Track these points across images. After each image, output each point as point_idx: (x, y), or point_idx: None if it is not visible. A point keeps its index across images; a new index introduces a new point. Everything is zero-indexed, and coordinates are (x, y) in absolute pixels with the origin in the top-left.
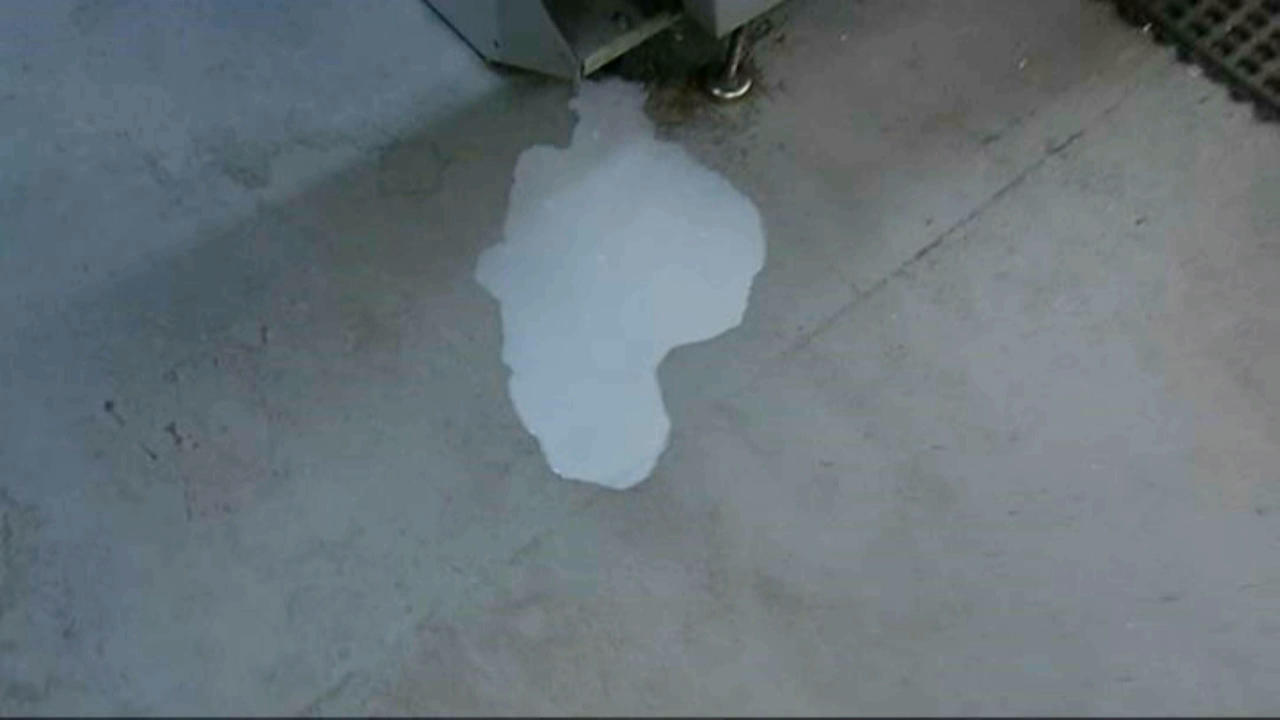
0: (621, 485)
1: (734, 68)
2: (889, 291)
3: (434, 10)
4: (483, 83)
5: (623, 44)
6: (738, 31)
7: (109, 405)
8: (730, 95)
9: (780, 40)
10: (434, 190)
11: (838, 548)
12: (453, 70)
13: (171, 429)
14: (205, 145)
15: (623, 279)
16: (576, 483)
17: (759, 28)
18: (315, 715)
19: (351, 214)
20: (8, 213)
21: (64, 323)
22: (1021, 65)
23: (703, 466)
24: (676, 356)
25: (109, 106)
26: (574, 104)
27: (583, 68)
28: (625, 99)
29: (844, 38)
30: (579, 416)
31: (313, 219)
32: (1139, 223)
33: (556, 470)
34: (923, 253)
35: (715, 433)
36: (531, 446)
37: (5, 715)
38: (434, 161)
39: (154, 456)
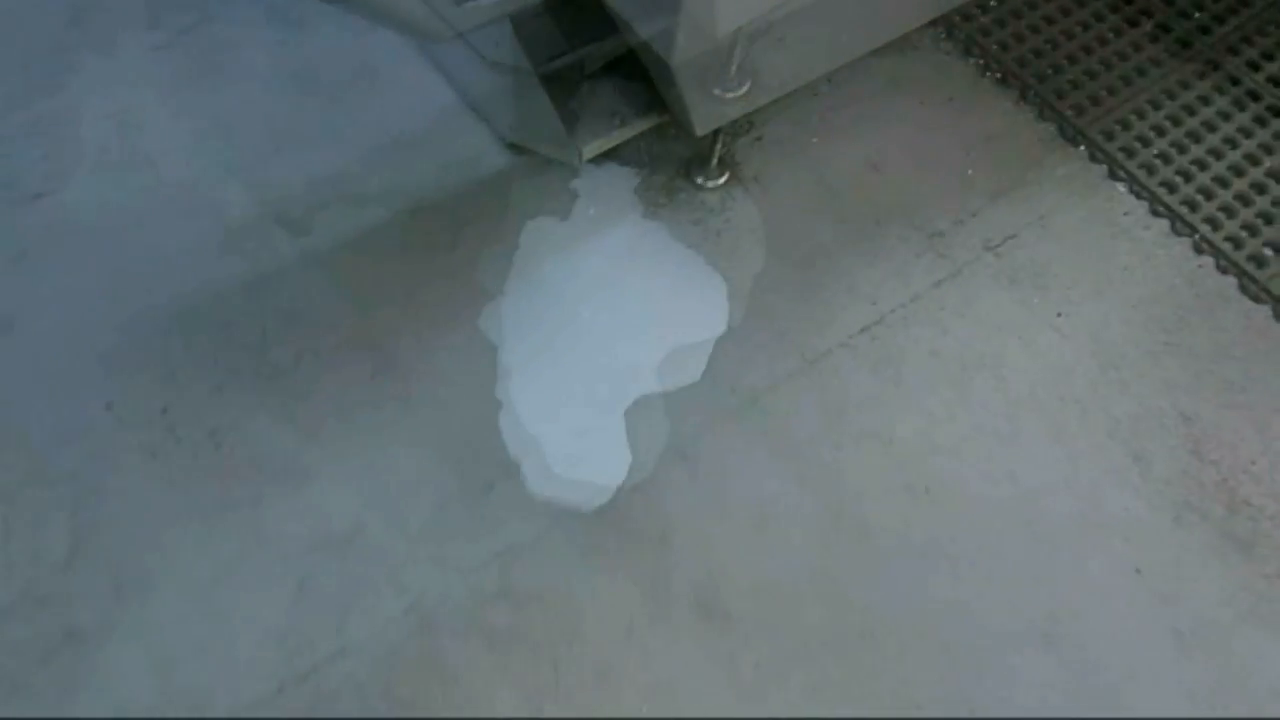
0: (587, 508)
1: (715, 160)
2: (833, 360)
3: (461, 96)
4: (498, 160)
5: (616, 137)
6: (719, 130)
7: (164, 410)
8: (711, 184)
9: (759, 139)
10: (450, 249)
11: (767, 574)
12: (473, 147)
13: (213, 434)
14: (260, 198)
15: (604, 335)
16: (549, 503)
17: (740, 127)
18: (314, 676)
19: (378, 264)
20: (98, 244)
21: (130, 338)
22: (969, 173)
23: (657, 497)
24: (643, 403)
25: (187, 161)
26: (575, 184)
27: (582, 154)
28: (619, 181)
29: (815, 140)
30: (556, 447)
31: (345, 266)
32: (1058, 315)
33: (533, 491)
34: (865, 328)
35: (670, 470)
36: (513, 469)
37: (57, 660)
38: (451, 224)
39: (196, 456)
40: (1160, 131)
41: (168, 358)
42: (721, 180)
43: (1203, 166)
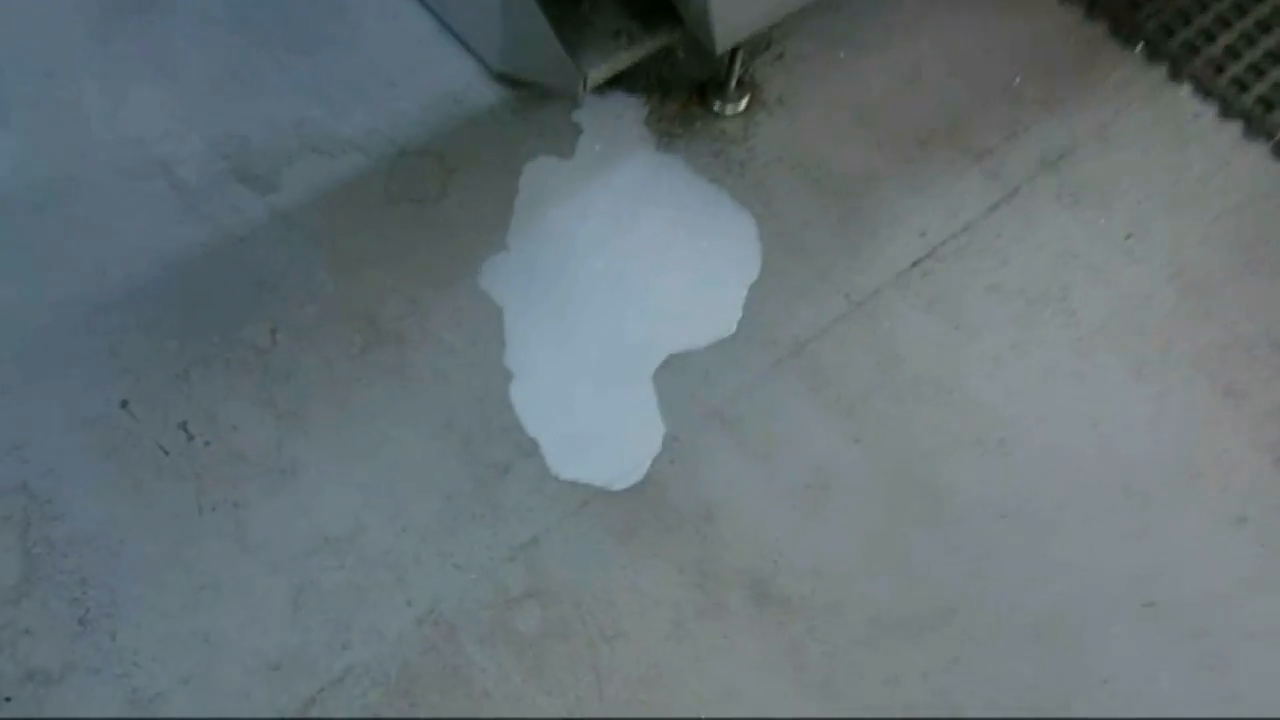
0: (618, 487)
1: (734, 83)
2: (882, 301)
3: (442, 23)
4: (488, 94)
5: (624, 59)
6: (737, 48)
7: (124, 403)
8: (730, 110)
9: (780, 57)
10: (439, 198)
11: (828, 550)
12: (459, 82)
13: (183, 427)
14: (219, 152)
15: (622, 287)
16: (574, 484)
17: (759, 45)
18: (318, 706)
19: (359, 220)
20: (28, 215)
21: (81, 323)
22: (1016, 83)
23: (697, 470)
24: (673, 363)
25: (127, 114)
26: (577, 116)
27: (585, 81)
28: (628, 112)
29: (842, 55)
30: (577, 420)
31: (321, 225)
32: (1128, 237)
33: (555, 472)
34: (916, 263)
35: (709, 437)
36: (531, 448)
37: (22, 699)
38: (440, 170)
39: (166, 453)
40: (1225, 23)
41: (123, 343)
42: (742, 105)
43: (1277, 60)
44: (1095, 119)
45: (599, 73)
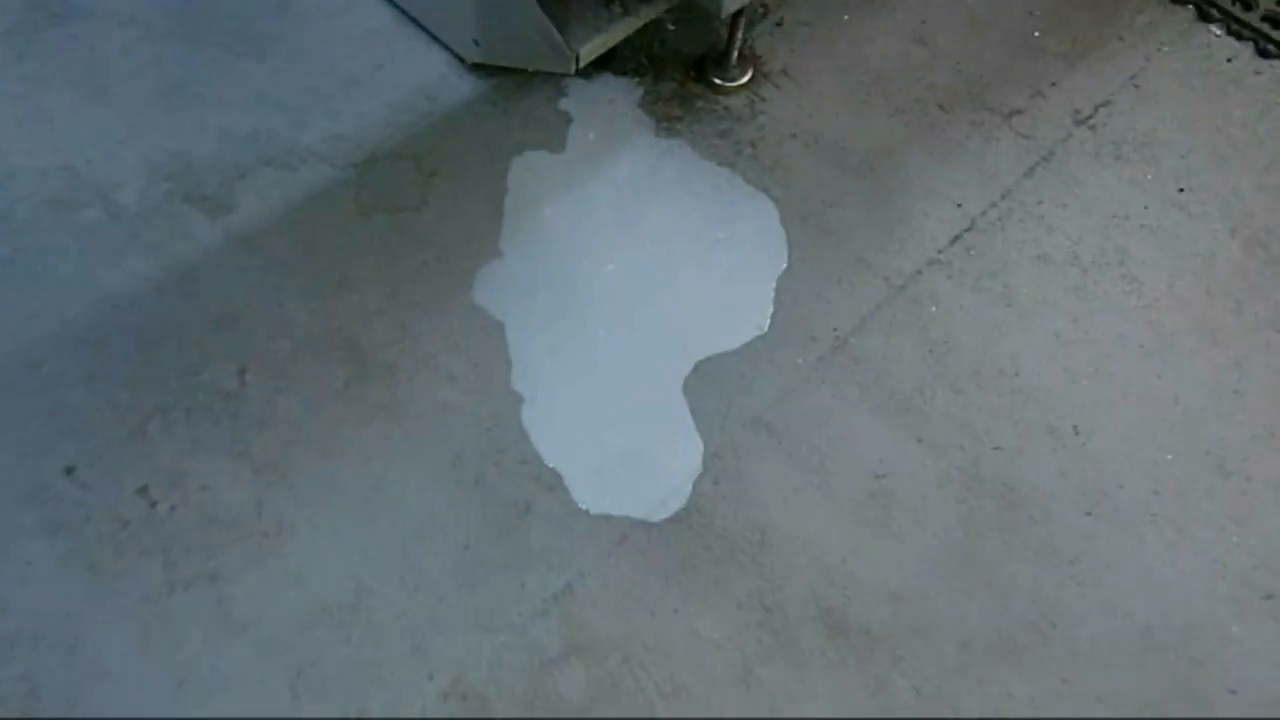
0: (657, 517)
1: (735, 55)
2: (925, 282)
3: (404, 13)
4: (463, 87)
5: (619, 31)
6: (737, 16)
7: (69, 470)
8: (732, 85)
9: (779, 25)
10: (420, 206)
11: (902, 567)
12: (429, 76)
13: (143, 491)
14: (161, 173)
15: (636, 289)
16: (607, 518)
17: (755, 12)
18: None
19: (330, 238)
20: None
21: (12, 380)
22: (1036, 36)
23: (745, 489)
24: (705, 370)
25: (52, 137)
26: (564, 104)
27: (578, 60)
28: (619, 96)
29: (846, 18)
30: (603, 444)
31: (287, 247)
32: (1180, 191)
33: (583, 506)
34: (956, 238)
35: (755, 451)
36: (553, 481)
37: None
38: (417, 175)
39: (125, 524)
40: None
41: (64, 401)
42: (745, 79)
43: None
44: (1126, 69)
45: (592, 48)
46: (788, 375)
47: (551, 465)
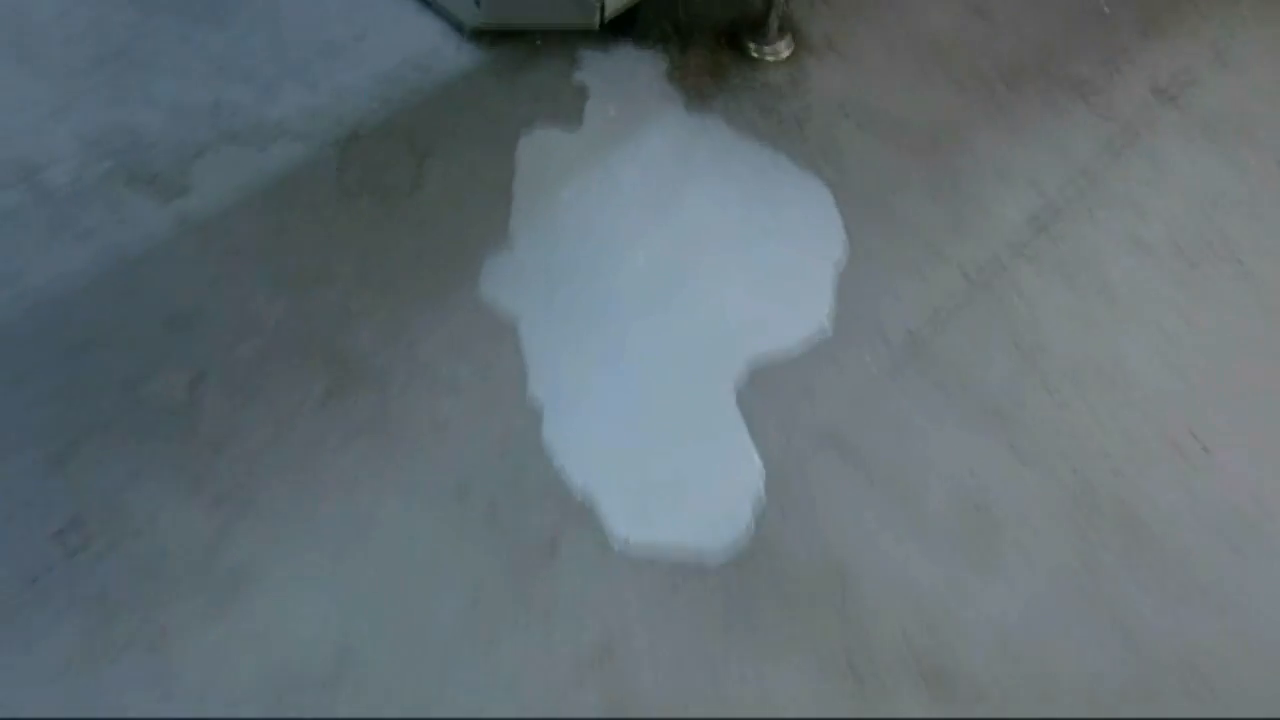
0: (714, 557)
1: (774, 23)
2: (1007, 273)
3: None
4: (460, 58)
5: None
6: None
7: None
8: (771, 56)
9: None
10: (413, 188)
11: (1009, 606)
12: (421, 45)
13: (70, 529)
14: (101, 150)
15: (672, 283)
16: (652, 559)
17: None
18: None
19: (306, 225)
20: None
21: None
22: (1104, 7)
23: (818, 519)
24: (760, 377)
25: None
26: (579, 77)
27: (603, 9)
28: (641, 67)
29: None
30: (643, 466)
31: (253, 234)
32: None
33: (622, 541)
34: (1038, 224)
35: (826, 472)
36: (583, 513)
37: None
38: (409, 154)
39: (47, 569)
40: None
41: None
42: (785, 51)
43: None
44: (1207, 41)
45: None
46: (858, 381)
47: (581, 493)
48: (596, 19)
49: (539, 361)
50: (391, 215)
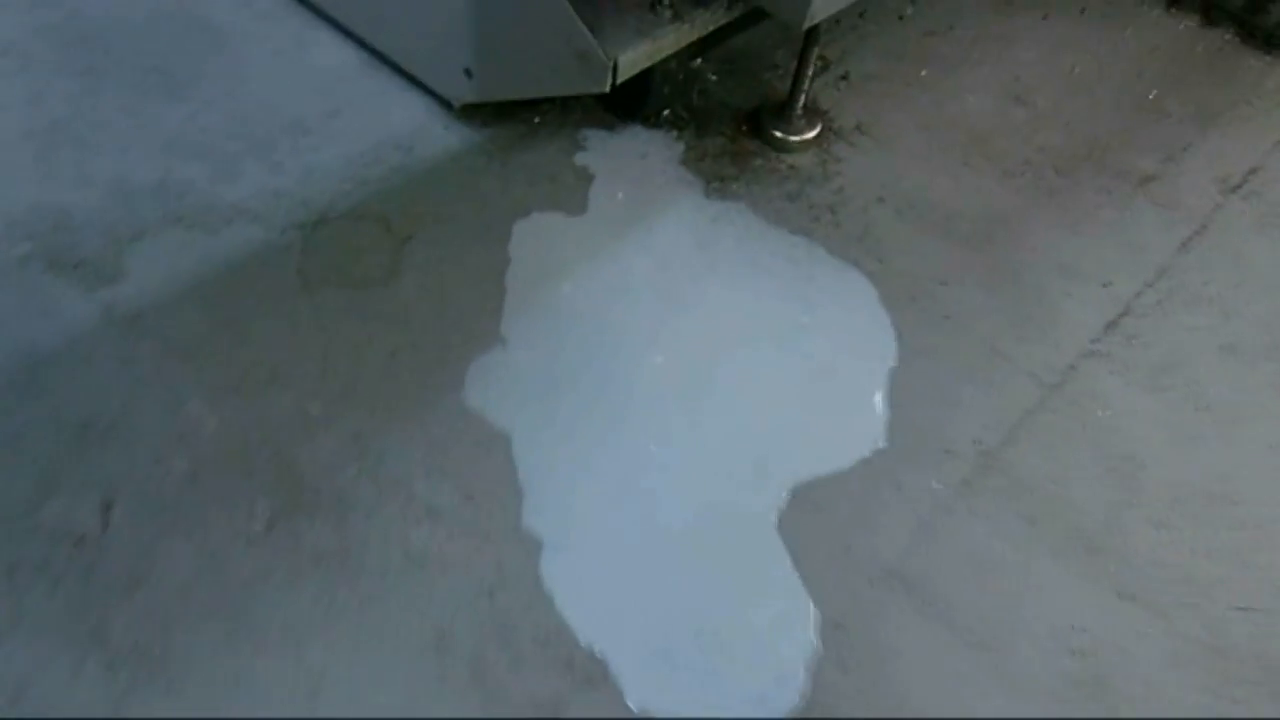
0: None
1: (800, 105)
2: (1084, 379)
3: (372, 51)
4: (448, 138)
5: (667, 40)
6: (803, 60)
7: None
8: (797, 139)
9: (844, 78)
10: (388, 278)
11: None
12: (404, 124)
13: None
14: (20, 231)
15: (696, 388)
16: None
17: (815, 65)
18: None
19: (258, 318)
20: None
21: None
22: (1152, 96)
23: (887, 676)
24: (805, 500)
25: None
26: (582, 159)
27: (615, 71)
28: (653, 150)
29: (923, 73)
30: (665, 614)
31: (194, 330)
32: None
33: (642, 710)
34: (1113, 325)
35: (893, 617)
36: (593, 672)
37: None
38: (385, 240)
39: None
40: None
41: None
42: (812, 134)
43: None
44: (1269, 131)
45: (633, 57)
46: (923, 505)
47: (590, 645)
48: (608, 80)
49: (536, 484)
50: (362, 309)
